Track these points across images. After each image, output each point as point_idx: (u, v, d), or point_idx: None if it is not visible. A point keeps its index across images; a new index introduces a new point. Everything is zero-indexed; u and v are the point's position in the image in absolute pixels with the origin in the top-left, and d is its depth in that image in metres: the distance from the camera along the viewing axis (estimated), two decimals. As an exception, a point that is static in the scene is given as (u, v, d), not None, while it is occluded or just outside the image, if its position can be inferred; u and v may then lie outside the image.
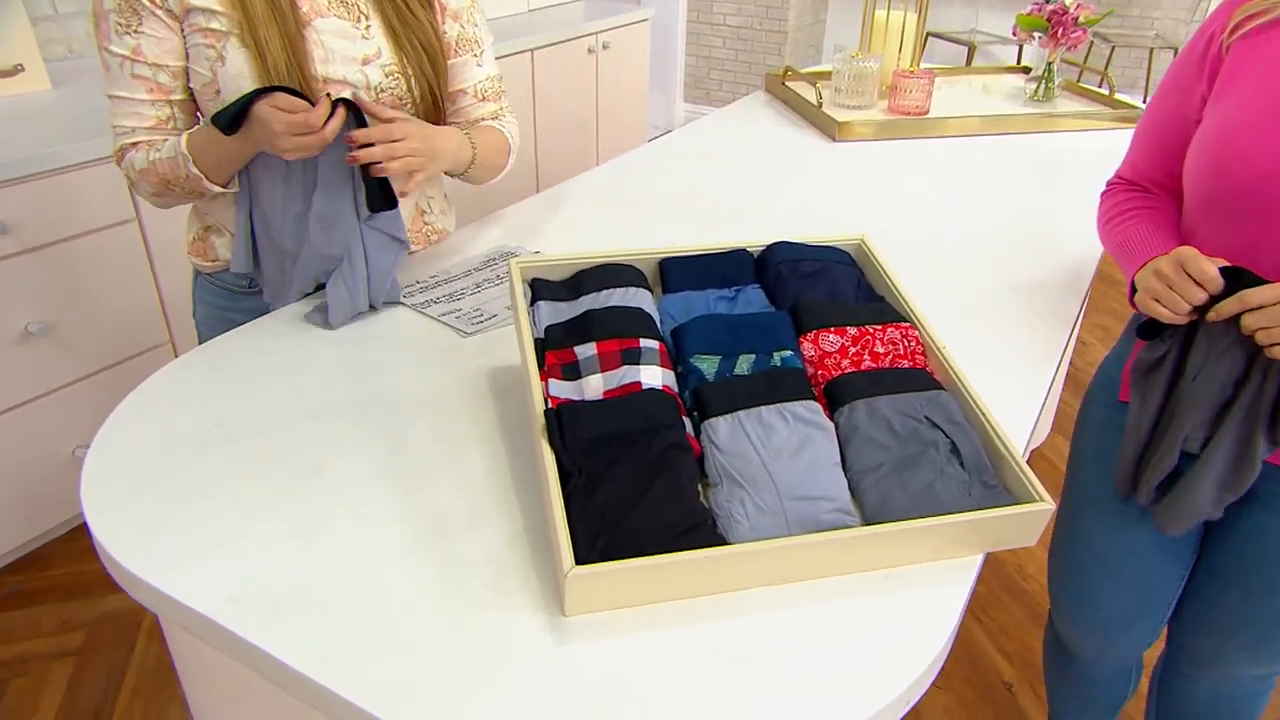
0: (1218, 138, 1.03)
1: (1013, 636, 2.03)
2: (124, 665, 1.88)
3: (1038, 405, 1.09)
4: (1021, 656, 1.97)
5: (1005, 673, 1.94)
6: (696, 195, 1.69)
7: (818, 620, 0.80)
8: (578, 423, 0.86)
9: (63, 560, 2.15)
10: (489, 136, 1.35)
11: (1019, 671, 1.94)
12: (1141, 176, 1.21)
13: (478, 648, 0.76)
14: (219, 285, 1.36)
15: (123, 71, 1.16)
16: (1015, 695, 1.89)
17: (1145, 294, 1.03)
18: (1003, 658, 1.98)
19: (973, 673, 1.94)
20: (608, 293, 1.02)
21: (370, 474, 0.94)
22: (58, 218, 1.92)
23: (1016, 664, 1.96)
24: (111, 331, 2.09)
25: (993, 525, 0.84)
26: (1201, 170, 1.06)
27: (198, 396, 1.06)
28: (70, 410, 2.08)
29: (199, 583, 0.81)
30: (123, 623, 1.98)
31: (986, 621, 2.07)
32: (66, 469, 2.11)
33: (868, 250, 1.13)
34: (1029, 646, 2.00)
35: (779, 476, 0.86)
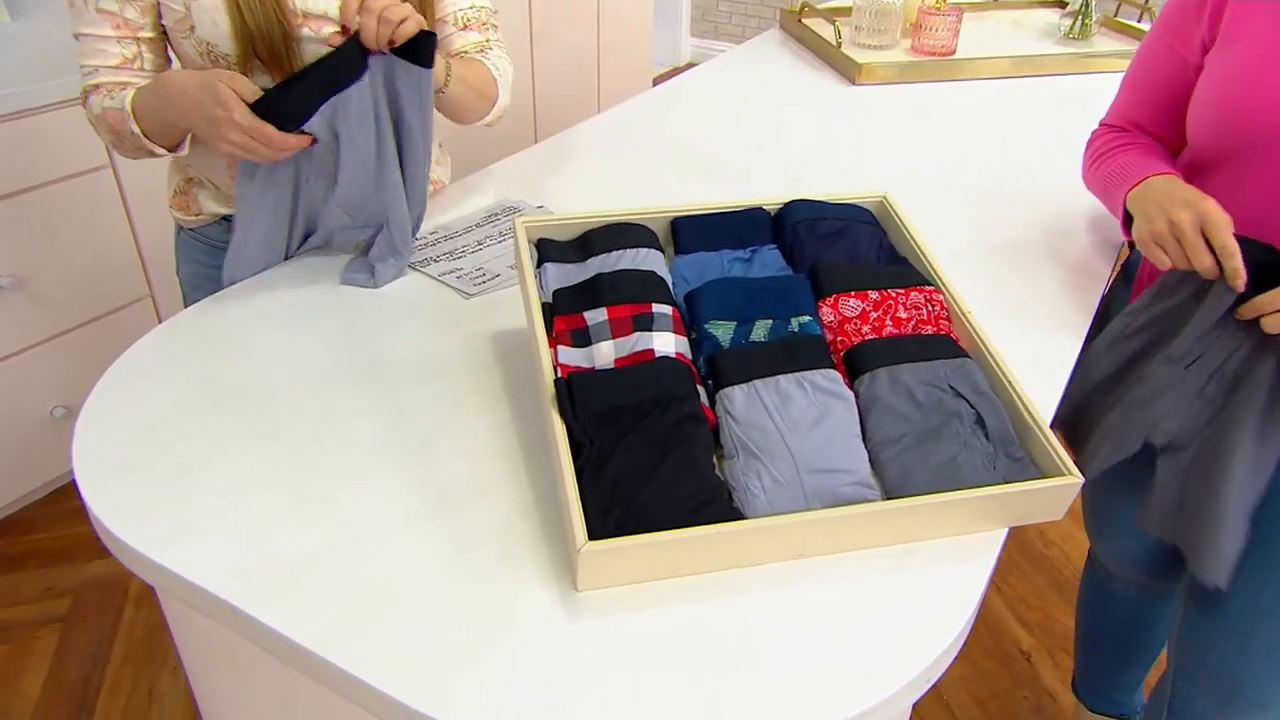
0: (1228, 85, 1.03)
1: (1033, 606, 2.07)
2: (113, 633, 1.93)
3: (1067, 373, 1.11)
4: (1041, 626, 2.02)
5: (1024, 642, 1.99)
6: (707, 145, 1.69)
7: (835, 597, 0.82)
8: (589, 393, 0.88)
9: (45, 524, 2.18)
10: (471, 68, 1.31)
11: (1038, 641, 1.99)
12: (1131, 125, 1.22)
13: (488, 623, 0.79)
14: (203, 241, 1.37)
15: (88, 6, 1.15)
16: (1034, 665, 1.93)
17: (1150, 235, 1.02)
18: (1022, 627, 2.02)
19: (990, 642, 1.98)
20: (618, 254, 1.03)
21: (372, 443, 0.97)
22: (25, 164, 1.92)
23: (1036, 633, 2.00)
24: (88, 285, 2.10)
25: (1018, 499, 0.87)
26: (1208, 119, 1.06)
27: (189, 362, 1.08)
28: (47, 368, 2.10)
29: (201, 557, 0.84)
30: (110, 589, 2.02)
31: (1005, 590, 2.11)
32: (46, 429, 2.14)
33: (890, 208, 1.14)
34: (1049, 616, 2.04)
35: (797, 448, 0.88)
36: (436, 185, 1.46)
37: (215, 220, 1.35)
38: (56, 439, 2.17)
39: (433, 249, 1.30)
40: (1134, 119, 1.20)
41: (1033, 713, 1.83)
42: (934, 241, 1.38)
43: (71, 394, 2.15)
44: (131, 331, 2.21)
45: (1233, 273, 0.96)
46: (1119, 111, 1.23)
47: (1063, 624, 2.02)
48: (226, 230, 1.35)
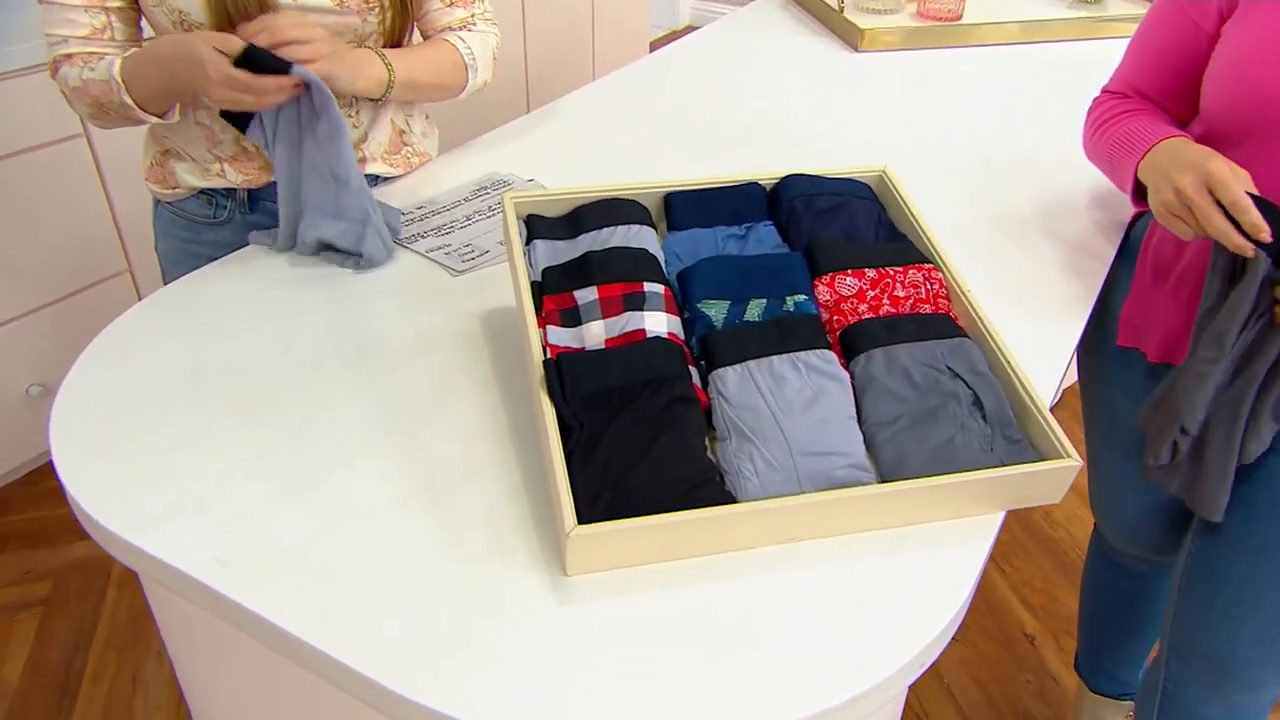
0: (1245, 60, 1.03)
1: (1037, 588, 2.10)
2: (94, 616, 1.95)
3: (1068, 353, 1.13)
4: (1046, 609, 2.05)
5: (1028, 625, 2.01)
6: (703, 114, 1.70)
7: (828, 581, 0.84)
8: (579, 374, 0.89)
9: (23, 505, 2.21)
10: (433, 54, 1.33)
11: (1042, 624, 2.01)
12: (1136, 93, 1.22)
13: (477, 608, 0.81)
14: (181, 215, 1.38)
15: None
16: (1038, 648, 1.96)
17: (1161, 206, 1.02)
18: (1026, 610, 2.05)
19: (993, 624, 2.01)
20: (609, 231, 1.05)
21: (360, 425, 0.98)
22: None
23: (1040, 616, 2.03)
24: (63, 259, 2.11)
25: (1016, 482, 0.88)
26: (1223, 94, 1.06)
27: (171, 341, 1.10)
28: (22, 345, 2.11)
29: (185, 542, 0.85)
30: (91, 571, 2.05)
31: (1010, 572, 2.14)
32: (21, 408, 2.16)
33: (890, 182, 1.15)
34: (1054, 599, 2.07)
35: (790, 431, 0.90)
36: (423, 158, 1.47)
37: (193, 194, 1.35)
38: (33, 418, 2.19)
39: (420, 224, 1.31)
40: (1139, 86, 1.21)
41: (1035, 696, 1.87)
42: (935, 216, 1.39)
43: (47, 372, 2.17)
44: (109, 307, 2.22)
45: (1252, 227, 0.94)
46: (1124, 78, 1.24)
47: (1068, 607, 2.05)
48: (206, 204, 1.36)
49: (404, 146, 1.43)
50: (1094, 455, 1.43)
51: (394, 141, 1.41)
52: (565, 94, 1.77)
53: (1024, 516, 2.29)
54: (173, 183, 1.35)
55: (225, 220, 1.36)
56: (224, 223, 1.37)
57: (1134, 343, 1.27)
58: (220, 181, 1.32)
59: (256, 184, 1.32)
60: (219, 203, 1.35)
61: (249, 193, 1.35)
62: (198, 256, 1.37)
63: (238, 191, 1.34)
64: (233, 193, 1.35)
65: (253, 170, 1.31)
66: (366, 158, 1.37)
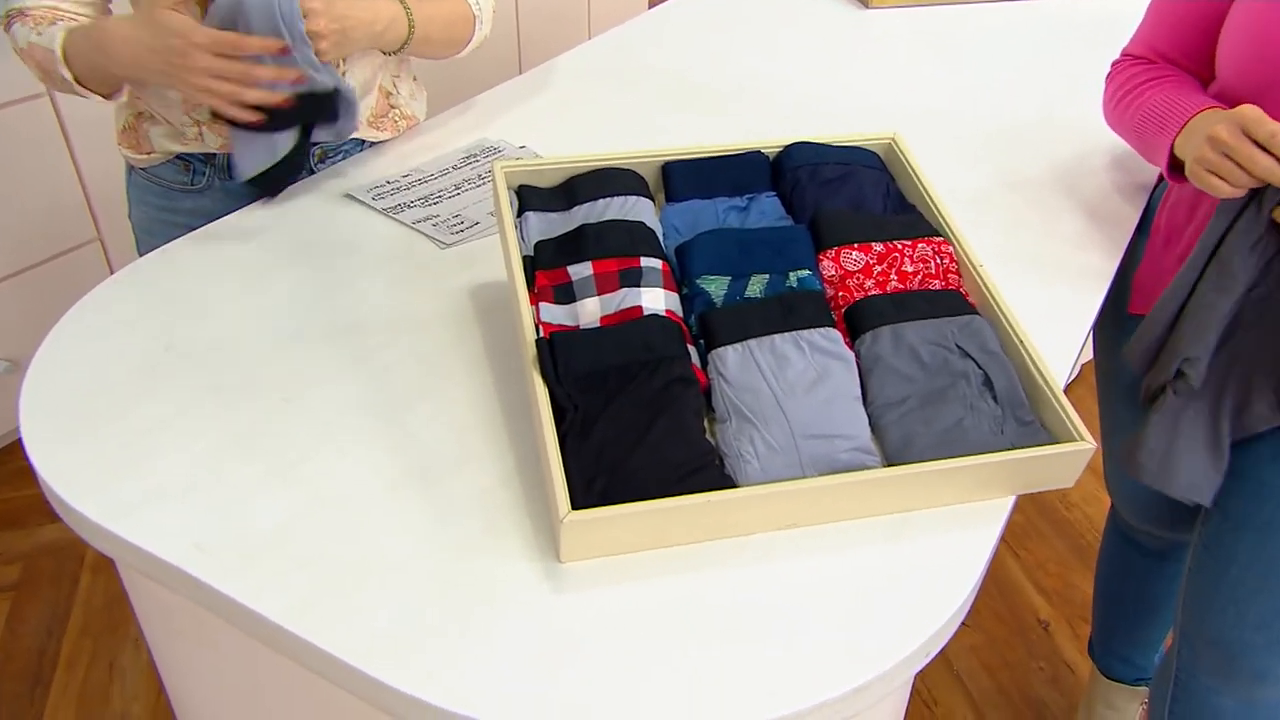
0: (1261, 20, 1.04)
1: (1051, 572, 2.12)
2: (68, 602, 1.97)
3: (1086, 326, 1.14)
4: (1061, 594, 2.07)
5: (1042, 611, 2.04)
6: (704, 75, 1.70)
7: (831, 568, 0.86)
8: (573, 354, 0.90)
9: (-10, 486, 2.22)
10: (442, 9, 1.34)
11: (1057, 610, 2.04)
12: (1158, 56, 1.22)
13: (468, 596, 0.82)
14: (156, 182, 1.39)
15: None
16: (1052, 635, 1.99)
17: (1198, 164, 1.04)
18: (1040, 595, 2.07)
19: (1005, 609, 2.04)
20: (604, 202, 1.06)
21: (346, 406, 1.00)
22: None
23: (1055, 602, 2.06)
24: (29, 227, 2.11)
25: (1027, 466, 0.90)
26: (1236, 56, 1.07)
27: (146, 316, 1.10)
28: (-11, 318, 2.12)
29: (162, 528, 0.87)
30: (63, 555, 2.06)
31: (1023, 555, 2.16)
32: (-12, 384, 2.17)
33: (899, 151, 1.16)
34: (1070, 583, 2.09)
35: (793, 412, 0.91)
36: (411, 122, 1.47)
37: (169, 159, 1.36)
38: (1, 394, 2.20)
39: (406, 194, 1.32)
40: (1160, 48, 1.22)
41: (1048, 684, 1.89)
42: (947, 183, 1.40)
43: (14, 345, 2.17)
44: (78, 277, 2.22)
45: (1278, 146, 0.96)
46: (1144, 39, 1.24)
47: (1083, 592, 2.07)
48: (182, 170, 1.36)
49: (391, 110, 1.43)
50: (1107, 428, 1.45)
51: (381, 104, 1.41)
52: (559, 53, 1.77)
53: (1038, 498, 2.31)
54: (147, 147, 1.35)
55: (203, 187, 1.37)
56: (201, 190, 1.37)
57: (1146, 309, 1.28)
58: (198, 146, 1.32)
59: None
60: (196, 169, 1.36)
61: (228, 158, 1.35)
62: (174, 225, 1.38)
63: (216, 157, 1.35)
64: (211, 158, 1.35)
65: None
66: None
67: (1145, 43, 1.24)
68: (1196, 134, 1.06)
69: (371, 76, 1.38)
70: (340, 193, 1.32)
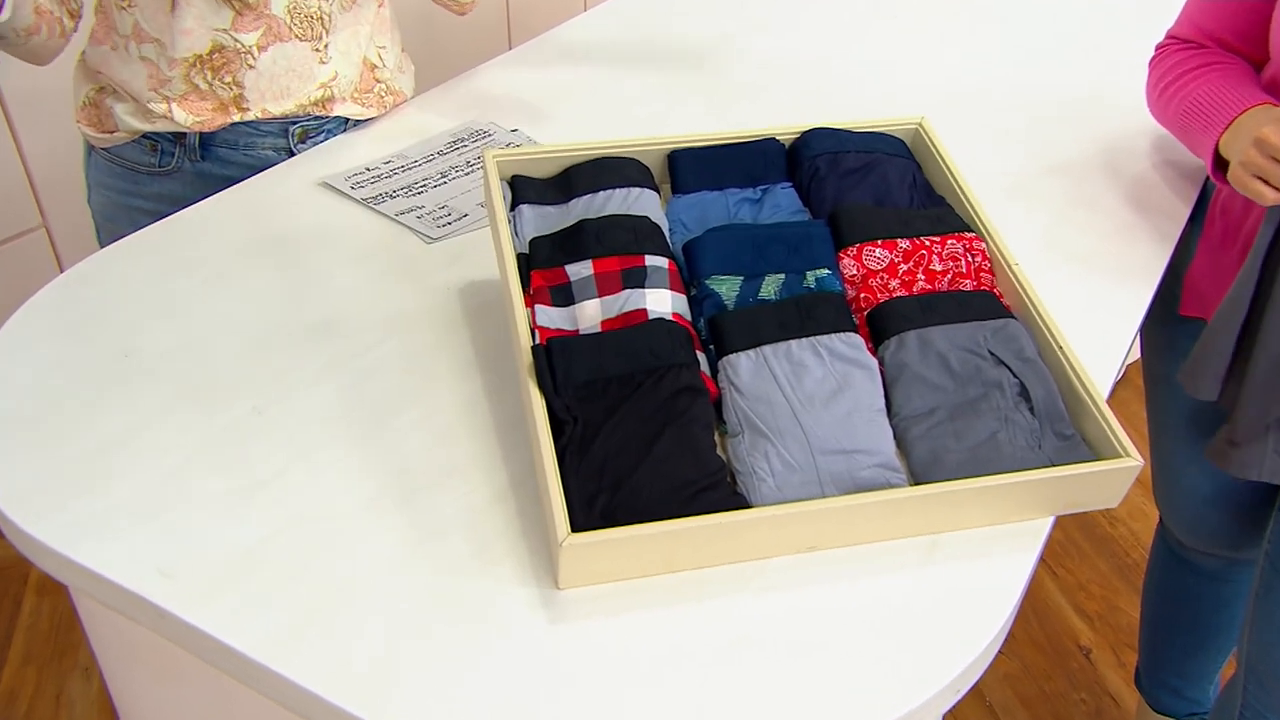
0: None
1: (1094, 594, 2.13)
2: (9, 627, 1.98)
3: (1133, 328, 1.15)
4: (1104, 618, 2.08)
5: (1083, 636, 2.05)
6: (712, 54, 1.71)
7: (853, 596, 0.87)
8: (572, 362, 0.91)
9: (-74, 499, 2.23)
10: None
11: (1100, 635, 2.05)
12: (1206, 37, 1.23)
13: (458, 626, 0.83)
14: (119, 163, 1.40)
15: None
16: (1094, 663, 2.00)
17: (1242, 169, 1.05)
18: (1081, 619, 2.08)
19: (1043, 635, 2.05)
20: (605, 194, 1.07)
21: (323, 416, 1.01)
22: None
23: (1098, 626, 2.07)
24: (-35, 214, 2.11)
25: (1067, 485, 0.91)
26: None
27: (102, 318, 1.11)
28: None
29: (122, 552, 0.87)
30: (5, 576, 2.07)
31: (1062, 575, 2.17)
32: (-75, 387, 2.17)
33: (927, 136, 1.17)
34: (1114, 606, 2.11)
35: (810, 425, 0.92)
36: (399, 98, 1.48)
37: (134, 138, 1.37)
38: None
39: (388, 182, 1.33)
40: (1209, 29, 1.22)
41: (1091, 718, 1.91)
42: (979, 170, 1.40)
43: (-46, 345, 2.17)
44: (22, 269, 2.22)
45: None
46: (1191, 20, 1.25)
47: (1129, 616, 2.08)
48: (148, 151, 1.37)
49: (376, 84, 1.44)
50: (1155, 436, 1.46)
51: (365, 78, 1.42)
52: (553, 25, 1.78)
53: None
54: (109, 125, 1.36)
55: (171, 169, 1.38)
56: (170, 172, 1.38)
57: (1199, 311, 1.29)
58: (166, 125, 1.33)
59: (210, 127, 1.33)
60: (164, 149, 1.37)
61: (200, 137, 1.36)
62: (138, 212, 1.39)
63: (187, 136, 1.36)
64: (181, 138, 1.36)
65: (206, 111, 1.32)
66: (335, 96, 1.38)
67: (1192, 23, 1.25)
68: (1243, 133, 1.07)
69: (353, 46, 1.39)
70: (316, 180, 1.33)
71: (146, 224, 1.27)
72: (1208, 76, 1.18)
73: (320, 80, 1.36)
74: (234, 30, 1.27)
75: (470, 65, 1.64)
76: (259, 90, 1.32)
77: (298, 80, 1.34)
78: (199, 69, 1.28)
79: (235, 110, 1.33)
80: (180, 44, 1.26)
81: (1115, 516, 2.31)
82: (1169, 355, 1.36)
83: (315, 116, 1.39)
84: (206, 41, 1.27)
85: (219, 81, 1.30)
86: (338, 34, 1.35)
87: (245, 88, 1.31)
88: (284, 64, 1.32)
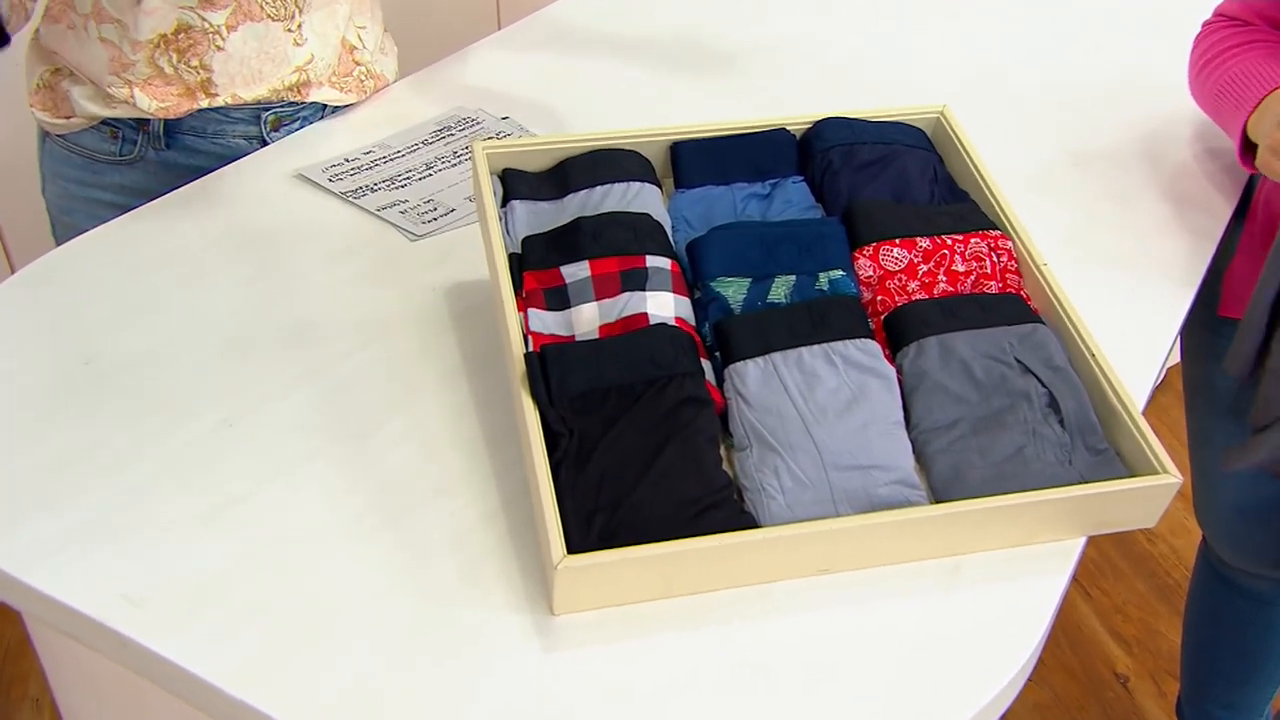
0: None
1: (1131, 617, 2.13)
2: (-46, 653, 1.98)
3: (1171, 332, 1.16)
4: (1142, 643, 2.08)
5: (1119, 663, 2.05)
6: (719, 36, 1.71)
7: (869, 623, 0.88)
8: (567, 370, 0.92)
9: None
10: None
11: (1138, 662, 2.05)
12: (1255, 15, 1.23)
13: (445, 656, 0.84)
14: (76, 152, 1.40)
15: None
16: (1131, 692, 2.00)
17: (1270, 152, 1.06)
18: (1117, 643, 2.08)
19: (1075, 661, 2.05)
20: (603, 189, 1.08)
21: (299, 429, 1.01)
22: None
23: (1135, 652, 2.07)
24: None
25: (1100, 503, 0.92)
26: None
27: (59, 323, 1.11)
28: None
29: (84, 578, 0.88)
30: (-48, 599, 2.07)
31: (1097, 596, 2.17)
32: None
33: (949, 126, 1.18)
34: (1153, 630, 2.11)
35: (823, 439, 0.93)
36: (379, 82, 1.48)
37: (93, 125, 1.37)
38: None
39: (369, 174, 1.34)
40: (1259, 7, 1.23)
41: (1127, 752, 1.91)
42: (1005, 161, 1.40)
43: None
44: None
45: None
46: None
47: (1169, 640, 2.08)
48: (109, 138, 1.37)
49: (356, 66, 1.44)
50: (1195, 446, 1.47)
51: (344, 61, 1.42)
52: (547, 3, 1.78)
53: (1116, 528, 2.32)
54: (67, 110, 1.36)
55: (133, 159, 1.38)
56: (132, 162, 1.38)
57: (1240, 313, 1.30)
58: (128, 110, 1.33)
59: (176, 113, 1.33)
60: (125, 136, 1.37)
61: (165, 124, 1.36)
62: (98, 204, 1.39)
63: (151, 123, 1.36)
64: (144, 124, 1.36)
65: (171, 96, 1.32)
66: (311, 80, 1.39)
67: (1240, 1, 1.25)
68: (1269, 114, 1.07)
69: (330, 26, 1.39)
70: (291, 172, 1.33)
71: (107, 218, 1.27)
72: (1247, 54, 1.18)
73: (295, 63, 1.36)
74: (200, 9, 1.26)
75: (458, 47, 1.64)
76: (228, 74, 1.32)
77: (270, 63, 1.34)
78: (163, 50, 1.28)
79: (203, 95, 1.33)
80: (144, 25, 1.26)
81: (1155, 533, 2.31)
82: (1209, 361, 1.37)
83: (289, 102, 1.40)
84: (171, 20, 1.26)
85: (185, 65, 1.30)
86: (313, 13, 1.35)
87: (214, 71, 1.31)
88: (255, 45, 1.32)
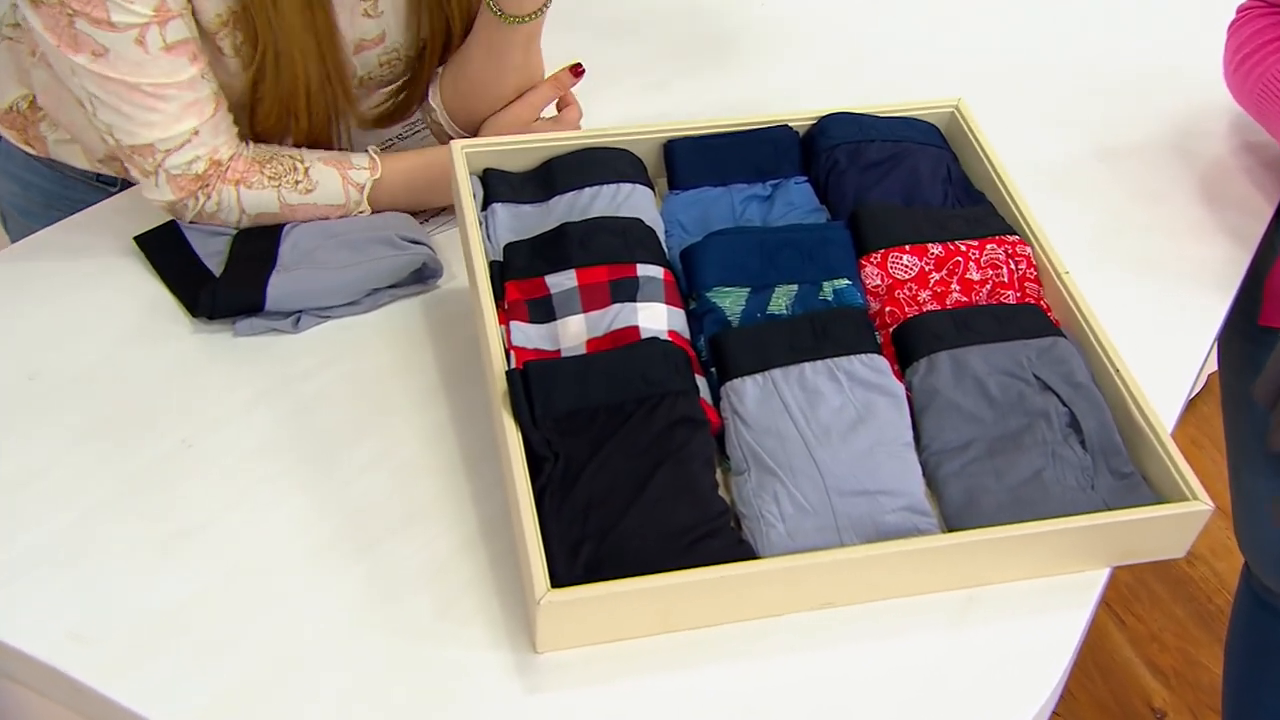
0: None
1: (1169, 646, 2.12)
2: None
3: (1201, 354, 1.16)
4: (1181, 675, 2.07)
5: (1156, 697, 2.04)
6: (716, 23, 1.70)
7: (877, 660, 0.89)
8: (552, 388, 0.93)
9: None
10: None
11: (1176, 695, 2.04)
12: None
13: (421, 696, 0.85)
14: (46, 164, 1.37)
15: (150, 47, 1.04)
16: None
17: None
18: (1154, 675, 2.07)
19: (1108, 694, 2.04)
20: (591, 191, 1.08)
21: (263, 451, 1.02)
22: None
23: (1174, 684, 2.06)
24: None
25: (1125, 531, 0.92)
26: None
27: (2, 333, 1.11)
28: None
29: (26, 614, 0.89)
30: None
31: (1132, 623, 2.16)
32: None
33: (964, 121, 1.19)
34: (1192, 660, 2.09)
35: (827, 462, 0.94)
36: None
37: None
38: None
39: (336, 172, 1.34)
40: None
41: (1163, 794, 1.91)
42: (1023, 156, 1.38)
43: None
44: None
45: None
46: None
47: (1210, 672, 2.07)
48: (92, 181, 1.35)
49: None
50: (1234, 464, 1.47)
51: None
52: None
53: (1152, 550, 2.32)
54: (40, 148, 1.33)
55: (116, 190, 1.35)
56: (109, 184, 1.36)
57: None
58: (118, 171, 1.32)
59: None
60: (108, 179, 1.35)
61: None
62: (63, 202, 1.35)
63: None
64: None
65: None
66: None
67: None
68: None
69: None
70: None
71: (59, 219, 1.26)
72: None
73: None
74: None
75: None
76: None
77: None
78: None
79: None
80: None
81: (1195, 554, 2.28)
82: (1247, 373, 1.37)
83: None
84: None
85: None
86: None
87: None
88: None
